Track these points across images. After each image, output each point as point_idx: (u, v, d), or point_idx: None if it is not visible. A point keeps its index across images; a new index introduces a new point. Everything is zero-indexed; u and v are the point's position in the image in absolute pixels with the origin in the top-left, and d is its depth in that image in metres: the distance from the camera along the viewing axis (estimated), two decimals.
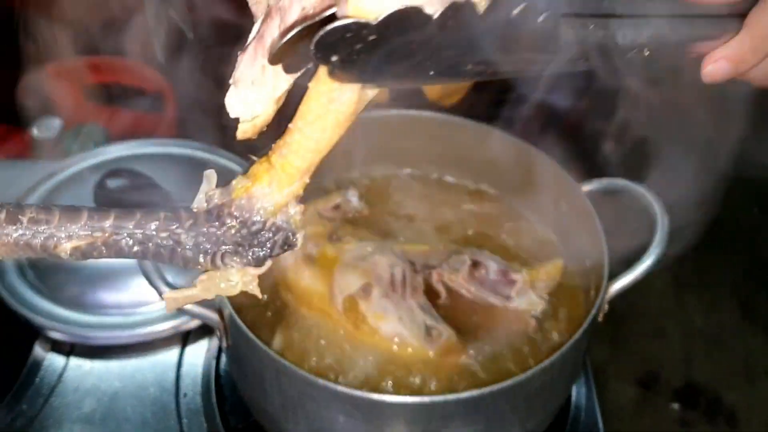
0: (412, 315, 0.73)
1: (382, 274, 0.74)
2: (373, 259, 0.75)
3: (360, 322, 0.72)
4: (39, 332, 0.90)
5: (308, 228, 0.80)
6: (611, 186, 0.78)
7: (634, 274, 0.71)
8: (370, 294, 0.73)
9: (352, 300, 0.73)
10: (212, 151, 1.13)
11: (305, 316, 0.75)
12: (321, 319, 0.74)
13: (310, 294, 0.75)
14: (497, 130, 0.84)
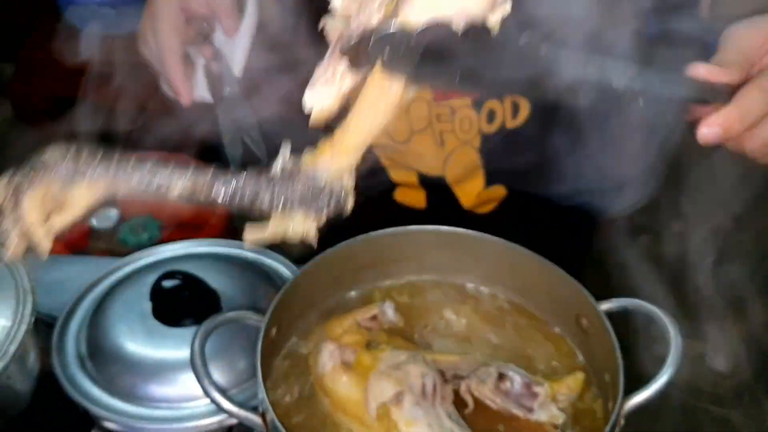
0: (440, 423, 0.79)
1: (414, 383, 0.80)
2: (406, 368, 0.81)
3: (392, 429, 0.78)
4: (95, 422, 0.97)
5: (347, 337, 0.87)
6: (627, 305, 0.84)
7: (649, 392, 0.76)
8: (402, 402, 0.79)
9: (385, 407, 0.78)
10: (260, 252, 1.22)
11: (340, 422, 0.81)
12: (355, 425, 0.80)
13: (346, 400, 0.81)
14: (524, 249, 0.91)
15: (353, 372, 0.83)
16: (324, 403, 0.83)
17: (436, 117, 1.09)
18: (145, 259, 1.21)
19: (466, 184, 1.18)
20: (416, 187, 1.21)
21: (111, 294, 1.10)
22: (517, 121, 1.11)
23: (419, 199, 1.23)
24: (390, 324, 0.92)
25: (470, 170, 1.16)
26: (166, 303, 1.05)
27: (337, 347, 0.85)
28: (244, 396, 0.98)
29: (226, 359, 1.00)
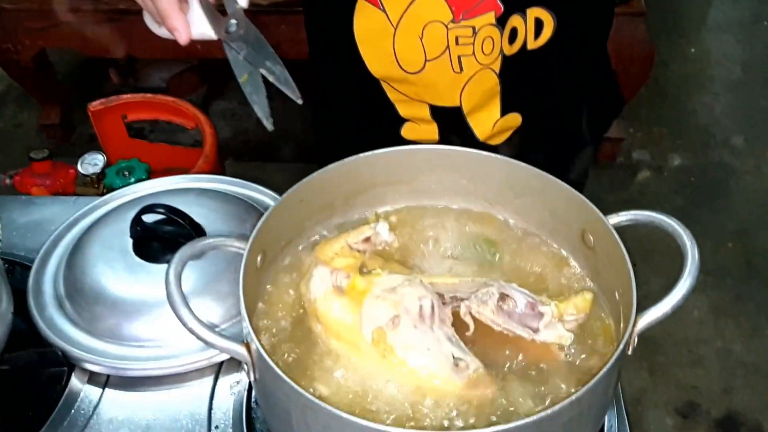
0: (439, 346, 0.74)
1: (411, 306, 0.75)
2: (402, 291, 0.76)
3: (388, 353, 0.73)
4: (76, 364, 0.93)
5: (338, 260, 0.81)
6: (638, 218, 0.78)
7: (664, 308, 0.70)
8: (398, 325, 0.74)
9: (381, 332, 0.73)
10: (245, 185, 1.16)
11: (332, 352, 0.76)
12: (350, 350, 0.75)
13: (340, 325, 0.76)
14: (525, 164, 0.85)
15: (346, 296, 0.77)
16: (316, 331, 0.78)
17: (455, 40, 1.02)
18: (125, 197, 1.14)
19: (481, 113, 1.12)
20: (427, 120, 1.14)
21: (90, 232, 1.04)
22: (539, 41, 1.05)
23: (431, 133, 1.16)
24: (384, 244, 0.86)
25: (488, 98, 1.10)
26: (148, 239, 0.99)
27: (330, 271, 0.80)
28: (233, 331, 0.93)
29: (214, 294, 0.95)
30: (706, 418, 2.14)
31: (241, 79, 0.85)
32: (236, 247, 0.76)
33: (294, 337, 0.78)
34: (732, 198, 2.77)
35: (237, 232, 1.01)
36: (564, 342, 0.76)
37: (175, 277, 0.70)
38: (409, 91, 1.10)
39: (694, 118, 3.16)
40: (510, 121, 1.13)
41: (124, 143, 1.94)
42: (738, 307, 2.40)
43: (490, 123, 1.12)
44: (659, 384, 2.20)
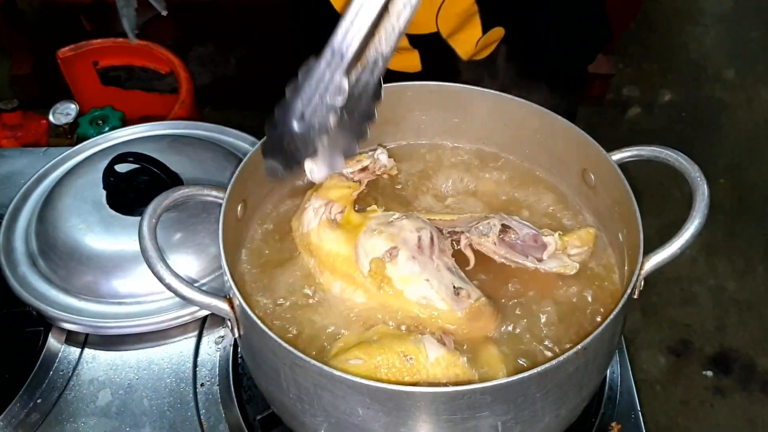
0: (439, 276, 0.70)
1: (409, 238, 0.71)
2: (399, 223, 0.72)
3: (385, 285, 0.70)
4: (52, 324, 0.88)
5: (332, 191, 0.76)
6: (643, 154, 0.73)
7: (672, 249, 0.66)
8: (396, 257, 0.70)
9: (379, 262, 0.70)
10: (223, 131, 1.10)
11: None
12: (345, 283, 0.71)
13: (335, 256, 0.72)
14: (519, 99, 0.79)
15: (341, 229, 0.73)
16: (309, 266, 0.74)
17: None
18: (97, 146, 1.08)
19: (462, 34, 1.06)
20: (408, 49, 1.08)
21: (61, 185, 0.98)
22: None
23: (413, 61, 1.11)
24: (384, 170, 0.80)
25: (465, 18, 1.04)
26: (122, 190, 0.94)
27: (324, 203, 0.75)
28: (215, 286, 0.89)
29: (194, 247, 0.90)
30: (699, 356, 2.14)
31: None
32: (214, 197, 0.71)
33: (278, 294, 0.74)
34: (723, 133, 2.73)
35: (216, 180, 0.95)
36: (569, 271, 0.73)
37: (149, 230, 0.65)
38: None
39: (684, 52, 3.09)
40: (493, 35, 1.08)
41: (97, 91, 1.86)
42: (730, 244, 2.38)
43: (473, 42, 1.07)
44: (652, 324, 2.18)
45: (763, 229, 2.41)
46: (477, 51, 1.09)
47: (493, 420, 0.59)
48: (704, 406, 2.04)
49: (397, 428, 0.60)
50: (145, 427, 0.80)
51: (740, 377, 2.09)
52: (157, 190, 0.87)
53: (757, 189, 2.52)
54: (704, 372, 2.11)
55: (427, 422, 0.59)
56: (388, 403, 0.58)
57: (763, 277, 2.30)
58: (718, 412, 2.02)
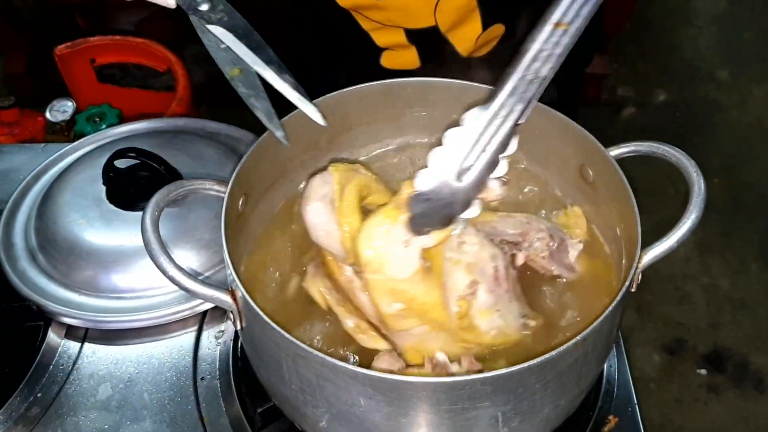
0: (510, 307, 0.69)
1: (487, 269, 0.68)
2: (472, 250, 0.68)
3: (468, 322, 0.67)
4: (52, 318, 0.88)
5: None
6: (641, 149, 0.74)
7: (670, 242, 0.67)
8: (476, 292, 0.67)
9: (465, 303, 0.67)
10: (222, 127, 1.11)
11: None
12: (431, 327, 0.68)
13: (428, 306, 0.67)
14: None
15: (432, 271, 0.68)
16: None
17: None
18: (96, 142, 1.09)
19: (461, 30, 1.06)
20: (405, 45, 1.08)
21: (60, 180, 0.99)
22: None
23: (411, 58, 1.10)
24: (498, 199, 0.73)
25: (465, 13, 1.04)
26: (122, 185, 0.94)
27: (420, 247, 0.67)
28: (217, 280, 0.89)
29: (195, 242, 0.91)
30: (693, 354, 2.15)
31: (229, 73, 0.70)
32: (216, 191, 0.72)
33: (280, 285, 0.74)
34: (717, 133, 2.75)
35: (216, 176, 0.95)
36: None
37: (152, 223, 0.65)
38: (381, 17, 1.04)
39: (678, 53, 3.10)
40: (493, 32, 1.08)
41: (93, 89, 1.86)
42: (724, 243, 2.39)
43: (473, 38, 1.07)
44: (647, 322, 2.20)
45: (756, 228, 2.43)
46: (476, 48, 1.09)
47: (493, 410, 0.60)
48: (698, 404, 2.05)
49: (398, 418, 0.60)
50: (146, 421, 0.81)
51: (734, 375, 2.11)
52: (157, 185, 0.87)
53: (751, 188, 2.53)
54: (698, 370, 2.12)
55: (429, 412, 0.59)
56: (390, 394, 0.58)
57: (756, 275, 2.32)
58: (712, 410, 2.03)
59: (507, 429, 0.63)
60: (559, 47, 0.58)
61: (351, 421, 0.63)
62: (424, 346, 0.68)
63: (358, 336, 0.71)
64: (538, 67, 0.58)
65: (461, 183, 0.61)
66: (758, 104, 2.85)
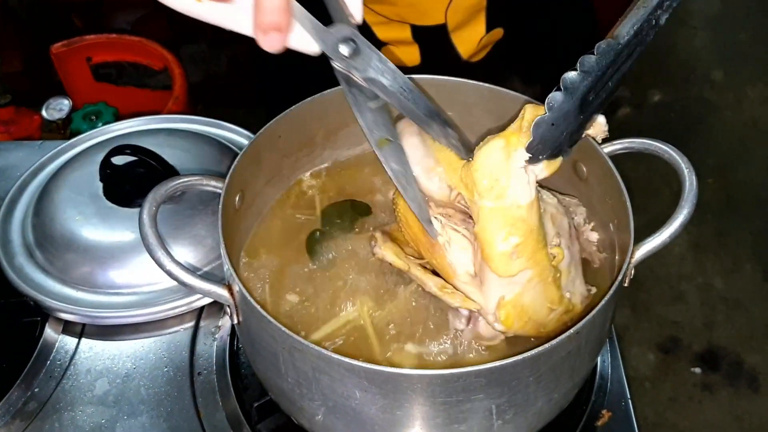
0: (578, 270, 0.70)
1: (563, 223, 0.68)
2: (552, 201, 0.68)
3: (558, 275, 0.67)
4: (49, 314, 0.89)
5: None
6: (634, 146, 0.75)
7: (662, 237, 0.67)
8: (559, 245, 0.67)
9: (559, 250, 0.67)
10: (218, 125, 1.11)
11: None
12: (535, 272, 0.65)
13: (539, 240, 0.64)
14: (514, 93, 0.81)
15: None
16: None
17: None
18: (93, 139, 1.09)
19: (466, 30, 1.06)
20: (408, 42, 1.09)
21: (57, 177, 0.99)
22: None
23: (411, 55, 1.11)
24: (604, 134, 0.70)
25: (473, 13, 1.04)
26: (118, 182, 0.95)
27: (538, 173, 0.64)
28: (218, 275, 0.90)
29: (191, 238, 0.91)
30: (687, 353, 2.16)
31: (376, 143, 0.62)
32: (213, 186, 0.72)
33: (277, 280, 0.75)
34: (712, 133, 2.76)
35: (213, 172, 0.96)
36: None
37: (149, 217, 0.66)
38: (389, 12, 1.04)
39: (673, 53, 3.12)
40: (493, 36, 1.09)
41: (90, 87, 1.86)
42: (718, 242, 2.40)
43: (475, 40, 1.07)
44: (641, 321, 2.21)
45: (750, 228, 2.44)
46: (477, 50, 1.10)
47: (487, 403, 0.61)
48: (692, 403, 2.06)
49: (393, 411, 0.61)
50: (143, 416, 0.81)
51: (728, 374, 2.12)
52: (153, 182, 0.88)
53: (745, 188, 2.55)
54: (692, 369, 2.13)
55: (424, 405, 0.60)
56: (385, 386, 0.59)
57: (750, 275, 2.33)
58: (706, 409, 2.04)
59: (501, 421, 0.64)
60: (675, 0, 0.59)
61: (347, 414, 0.64)
62: (521, 302, 0.64)
63: (446, 297, 0.68)
64: (659, 15, 0.59)
65: (583, 113, 0.60)
66: (753, 105, 2.87)
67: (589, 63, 0.59)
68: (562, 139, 0.61)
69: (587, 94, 0.59)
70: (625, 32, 0.59)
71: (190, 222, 0.91)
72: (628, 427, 0.80)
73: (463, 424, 0.63)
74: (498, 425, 0.64)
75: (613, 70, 0.59)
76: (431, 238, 0.66)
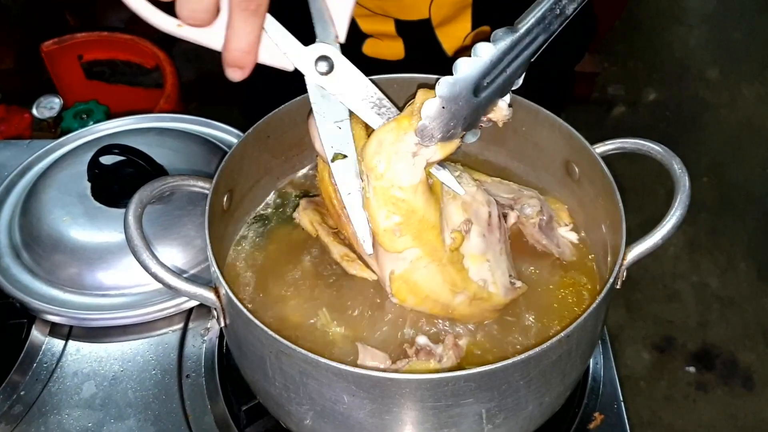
0: (500, 261, 0.69)
1: (481, 212, 0.69)
2: (470, 190, 0.69)
3: (458, 261, 0.67)
4: (36, 316, 0.88)
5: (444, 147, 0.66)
6: (626, 146, 0.74)
7: (654, 239, 0.67)
8: (469, 231, 0.68)
9: (459, 236, 0.67)
10: (209, 124, 1.10)
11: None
12: (424, 252, 0.66)
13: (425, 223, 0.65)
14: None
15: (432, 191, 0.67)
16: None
17: None
18: (82, 138, 1.08)
19: (452, 26, 1.05)
20: (392, 36, 1.07)
21: (45, 177, 0.98)
22: None
23: (395, 49, 1.09)
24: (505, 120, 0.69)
25: (458, 9, 1.03)
26: (107, 182, 0.94)
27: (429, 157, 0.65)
28: (206, 277, 0.89)
29: (179, 239, 0.90)
30: (682, 352, 2.16)
31: (331, 157, 0.65)
32: (200, 187, 0.71)
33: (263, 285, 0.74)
34: (707, 132, 2.76)
35: (202, 172, 0.95)
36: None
37: (134, 219, 0.65)
38: (372, 4, 1.03)
39: (668, 52, 3.11)
40: (479, 34, 1.07)
41: (81, 85, 1.85)
42: (713, 241, 2.40)
43: (461, 36, 1.06)
44: (636, 320, 2.20)
45: (745, 227, 2.44)
46: (463, 47, 1.08)
47: (477, 407, 0.60)
48: (687, 402, 2.06)
49: (382, 415, 0.60)
50: (130, 419, 0.80)
51: (722, 373, 2.12)
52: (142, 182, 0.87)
53: (740, 187, 2.55)
54: (687, 368, 2.13)
55: (413, 409, 0.59)
56: (374, 390, 0.58)
57: (744, 273, 2.33)
58: (701, 408, 2.04)
59: (491, 426, 0.63)
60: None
61: (335, 419, 0.63)
62: (412, 278, 0.66)
63: (344, 263, 0.72)
64: (565, 3, 0.59)
65: (477, 98, 0.61)
66: (747, 103, 2.87)
67: (482, 49, 0.60)
68: (454, 122, 0.62)
69: (481, 80, 0.60)
70: (525, 20, 0.60)
71: (178, 222, 0.90)
72: (621, 430, 0.79)
73: (453, 428, 0.62)
74: (488, 429, 0.63)
75: (511, 56, 0.60)
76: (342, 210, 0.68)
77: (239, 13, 0.56)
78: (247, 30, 0.57)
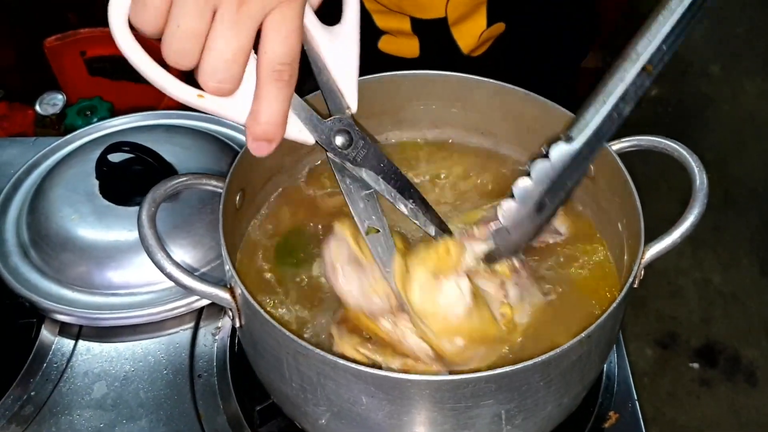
0: (531, 290, 0.70)
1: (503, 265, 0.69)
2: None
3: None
4: (45, 315, 0.87)
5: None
6: (642, 143, 0.73)
7: (673, 237, 0.67)
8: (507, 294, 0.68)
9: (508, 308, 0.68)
10: (217, 121, 1.09)
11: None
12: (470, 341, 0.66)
13: (482, 331, 0.65)
14: (521, 89, 0.79)
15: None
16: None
17: None
18: (89, 135, 1.07)
19: (467, 24, 1.05)
20: (408, 34, 1.07)
21: (52, 175, 0.97)
22: None
23: (411, 47, 1.09)
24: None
25: (473, 7, 1.03)
26: (115, 180, 0.93)
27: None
28: (216, 276, 0.88)
29: (190, 238, 0.89)
30: (685, 348, 2.16)
31: (366, 231, 0.64)
32: (213, 186, 0.71)
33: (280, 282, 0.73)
34: (709, 127, 2.75)
35: (212, 170, 0.94)
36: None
37: (148, 218, 0.64)
38: (389, 2, 1.03)
39: None
40: (494, 31, 1.07)
41: (84, 81, 1.83)
42: (716, 237, 2.40)
43: (476, 34, 1.06)
44: (639, 316, 2.20)
45: (748, 223, 2.43)
46: (478, 45, 1.08)
47: (496, 408, 0.59)
48: (691, 398, 2.06)
49: (400, 417, 0.60)
50: (141, 420, 0.80)
51: (726, 369, 2.12)
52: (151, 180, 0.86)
53: (743, 183, 2.54)
54: (691, 364, 2.13)
55: (432, 410, 0.59)
56: (393, 392, 0.58)
57: (748, 269, 2.33)
58: (704, 403, 2.04)
59: (510, 426, 0.62)
60: (641, 90, 0.58)
61: (352, 420, 0.62)
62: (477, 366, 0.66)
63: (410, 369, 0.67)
64: (622, 108, 0.58)
65: (540, 216, 0.61)
66: (750, 99, 2.86)
67: (542, 170, 0.59)
68: (518, 243, 0.63)
69: (542, 200, 0.61)
70: (581, 132, 0.59)
71: (188, 220, 0.89)
72: (636, 428, 0.79)
73: (472, 429, 0.61)
74: (507, 430, 0.63)
75: (569, 171, 0.60)
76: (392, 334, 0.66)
77: (271, 83, 0.53)
78: (279, 101, 0.54)
